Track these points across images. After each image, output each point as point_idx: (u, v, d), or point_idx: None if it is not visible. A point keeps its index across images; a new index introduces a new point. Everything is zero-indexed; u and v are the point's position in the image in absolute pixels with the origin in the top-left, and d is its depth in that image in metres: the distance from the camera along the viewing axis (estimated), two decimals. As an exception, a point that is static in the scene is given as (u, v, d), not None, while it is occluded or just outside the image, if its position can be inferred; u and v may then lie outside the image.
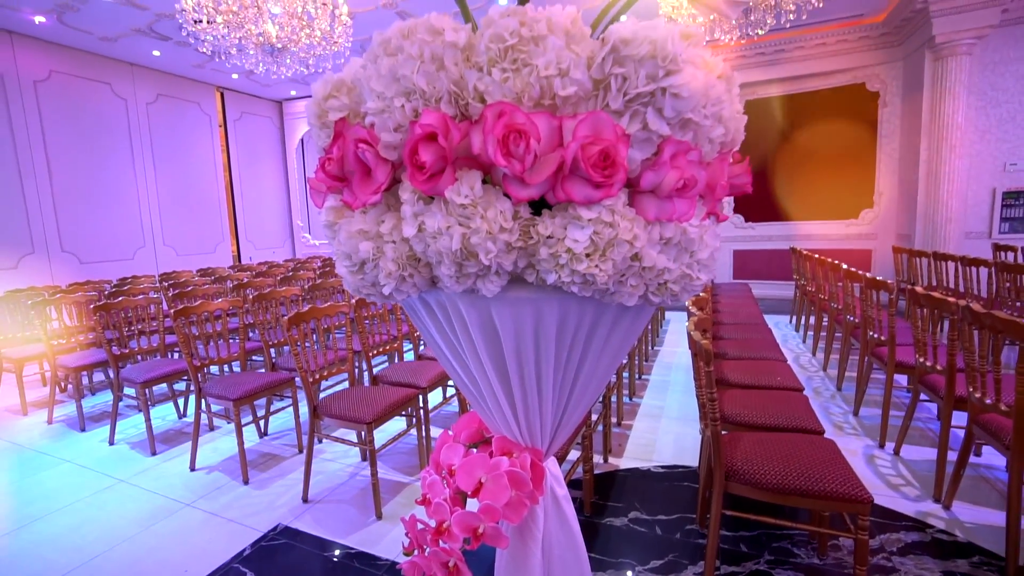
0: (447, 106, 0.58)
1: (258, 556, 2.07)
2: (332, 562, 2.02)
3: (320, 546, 2.12)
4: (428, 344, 0.84)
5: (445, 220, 0.58)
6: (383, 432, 3.12)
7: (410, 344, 4.21)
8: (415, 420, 2.71)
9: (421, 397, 2.72)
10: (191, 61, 7.12)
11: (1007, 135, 5.69)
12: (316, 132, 0.71)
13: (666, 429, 3.11)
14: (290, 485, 2.62)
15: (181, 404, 3.76)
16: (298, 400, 3.08)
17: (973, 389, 2.01)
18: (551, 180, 0.57)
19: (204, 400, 2.87)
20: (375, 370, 2.96)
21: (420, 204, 0.61)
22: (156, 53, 6.77)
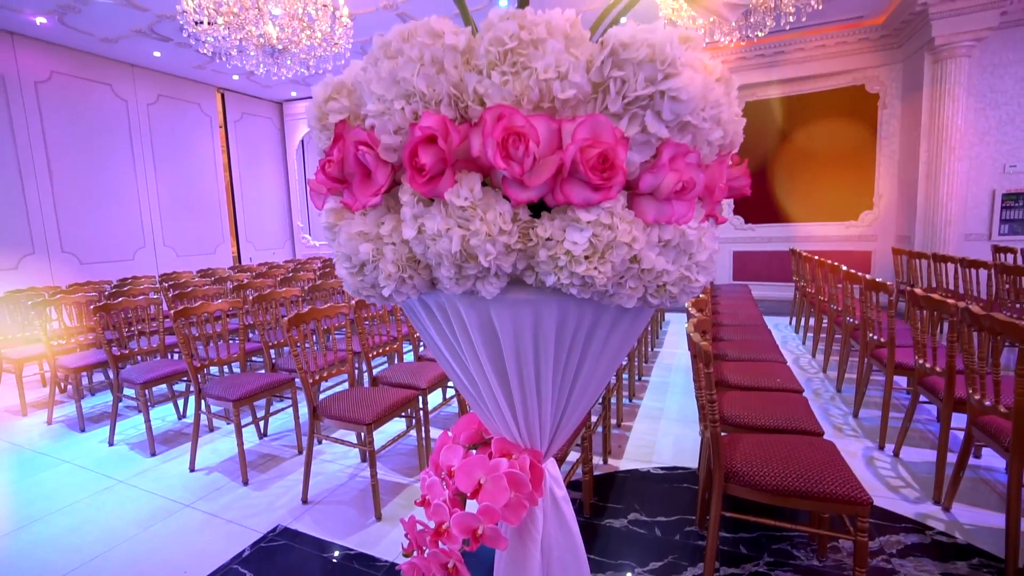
0: (447, 109, 0.59)
1: (257, 557, 2.07)
2: (331, 563, 2.02)
3: (319, 547, 2.12)
4: (428, 345, 0.85)
5: (445, 222, 0.58)
6: (383, 433, 3.12)
7: (410, 345, 4.21)
8: (415, 421, 2.71)
9: (421, 398, 2.72)
10: (192, 62, 7.13)
11: (1006, 137, 5.70)
12: (316, 134, 0.71)
13: (666, 430, 3.11)
14: (290, 486, 2.62)
15: (181, 405, 3.76)
16: (298, 401, 3.08)
17: (972, 391, 2.01)
18: (550, 183, 0.57)
19: (204, 401, 2.87)
20: (375, 371, 2.96)
21: (420, 206, 0.61)
22: (157, 54, 6.78)
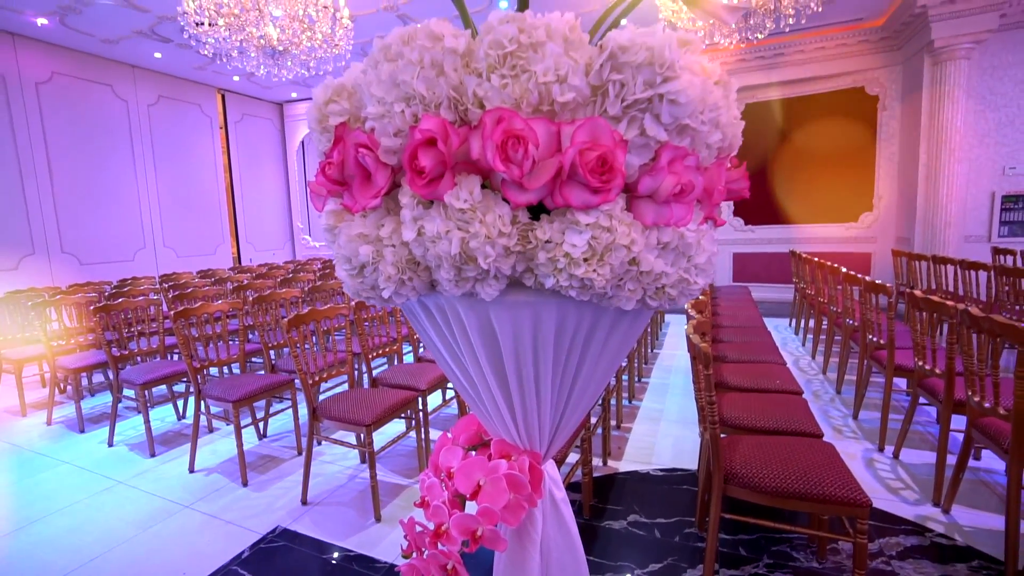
0: (447, 111, 0.59)
1: (257, 558, 2.06)
2: (331, 564, 2.01)
3: (319, 548, 2.11)
4: (427, 347, 0.85)
5: (444, 224, 0.59)
6: (382, 434, 3.12)
7: (409, 346, 4.21)
8: (414, 422, 2.71)
9: (420, 399, 2.72)
10: (192, 63, 7.13)
11: (1006, 139, 5.71)
12: (317, 136, 0.71)
13: (665, 432, 3.11)
14: (289, 487, 2.62)
15: (180, 406, 3.76)
16: (297, 402, 3.08)
17: (972, 393, 2.02)
18: (549, 185, 0.57)
19: (203, 402, 2.87)
20: (374, 372, 2.96)
21: (419, 208, 0.61)
22: (157, 55, 6.79)
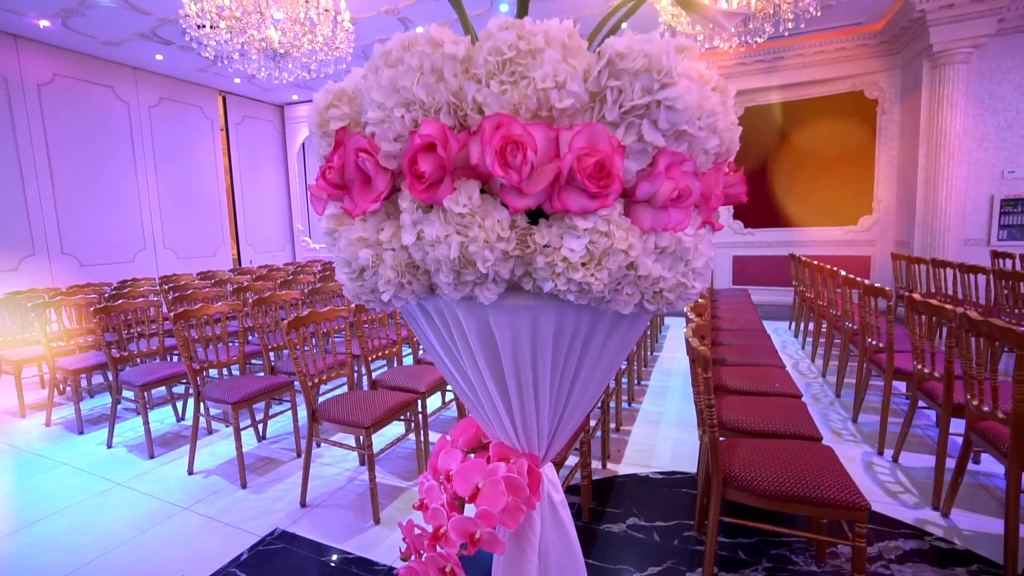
0: (446, 117, 0.59)
1: (255, 561, 2.06)
2: (329, 567, 2.01)
3: (318, 551, 2.11)
4: (426, 350, 0.85)
5: (443, 229, 0.59)
6: (381, 436, 3.12)
7: (409, 348, 4.21)
8: (413, 425, 2.71)
9: (420, 402, 2.72)
10: (194, 65, 7.15)
11: (1005, 143, 5.72)
12: (317, 141, 0.72)
13: (665, 435, 3.11)
14: (288, 489, 2.62)
15: (180, 407, 3.75)
16: (297, 404, 3.08)
17: (971, 396, 2.02)
18: (548, 190, 0.58)
19: (203, 403, 2.87)
20: (374, 374, 2.97)
21: (419, 213, 0.62)
22: (159, 57, 6.80)
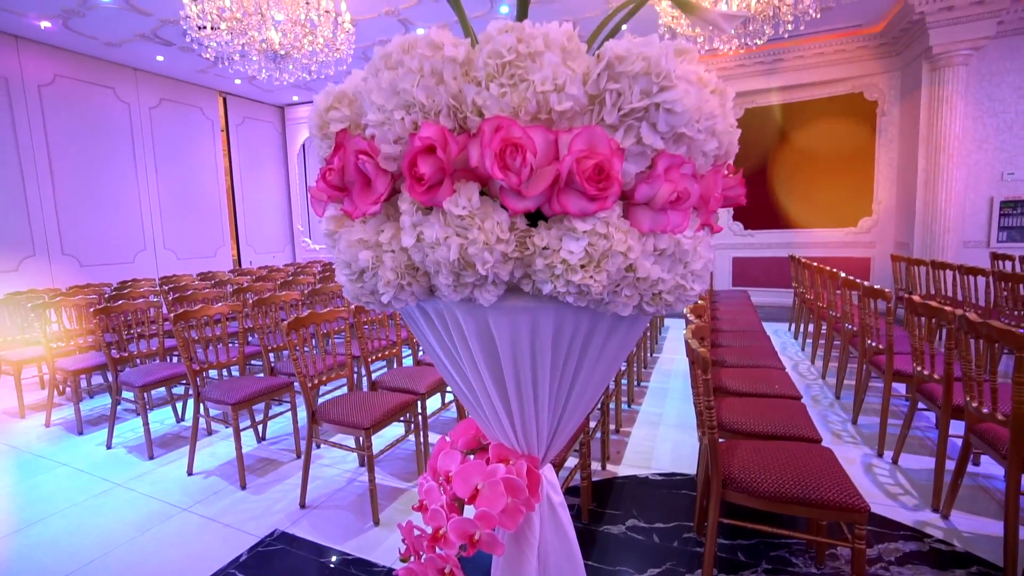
0: (446, 119, 0.60)
1: (255, 562, 2.06)
2: (329, 568, 2.01)
3: (317, 552, 2.11)
4: (426, 352, 0.85)
5: (443, 231, 0.59)
6: (381, 438, 3.12)
7: (409, 349, 4.21)
8: (413, 426, 2.71)
9: (419, 403, 2.72)
10: (194, 66, 7.16)
11: (1004, 145, 5.72)
12: (318, 143, 0.72)
13: (664, 436, 3.11)
14: (288, 490, 2.62)
15: (179, 408, 3.75)
16: (296, 405, 3.08)
17: (970, 398, 2.02)
18: (547, 193, 0.58)
19: (202, 404, 2.87)
20: (374, 375, 2.96)
21: (419, 215, 0.62)
22: (160, 58, 6.81)
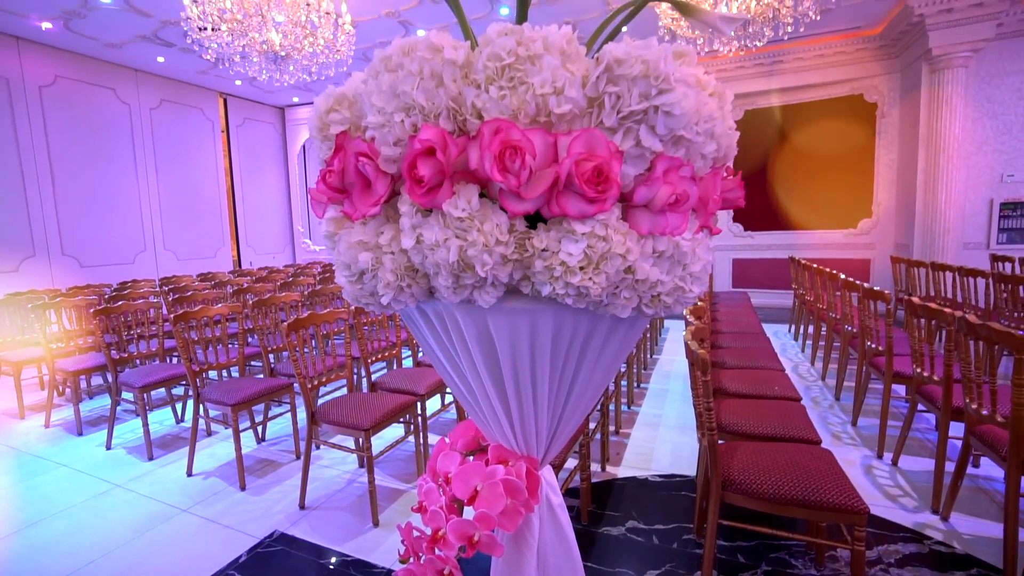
0: (445, 122, 0.60)
1: (254, 563, 2.06)
2: (328, 569, 2.01)
3: (316, 553, 2.11)
4: (426, 353, 0.85)
5: (443, 232, 0.59)
6: (381, 439, 3.12)
7: (409, 351, 4.21)
8: (413, 427, 2.71)
9: (419, 404, 2.72)
10: (195, 67, 7.17)
11: (1004, 146, 5.73)
12: (318, 144, 0.72)
13: (664, 438, 3.11)
14: (287, 491, 2.62)
15: (179, 409, 3.75)
16: (296, 406, 3.08)
17: (970, 400, 2.02)
18: (546, 195, 0.58)
19: (202, 405, 2.87)
20: (373, 376, 2.97)
21: (418, 217, 0.62)
22: (160, 59, 6.82)
